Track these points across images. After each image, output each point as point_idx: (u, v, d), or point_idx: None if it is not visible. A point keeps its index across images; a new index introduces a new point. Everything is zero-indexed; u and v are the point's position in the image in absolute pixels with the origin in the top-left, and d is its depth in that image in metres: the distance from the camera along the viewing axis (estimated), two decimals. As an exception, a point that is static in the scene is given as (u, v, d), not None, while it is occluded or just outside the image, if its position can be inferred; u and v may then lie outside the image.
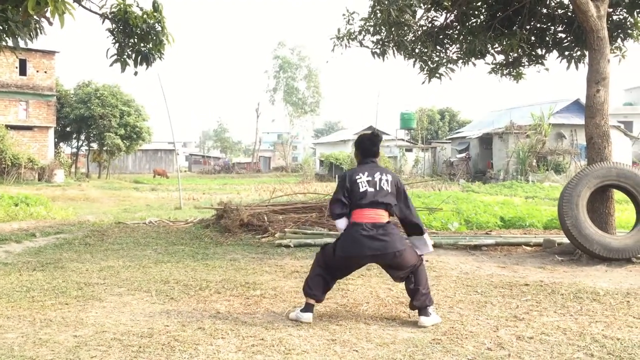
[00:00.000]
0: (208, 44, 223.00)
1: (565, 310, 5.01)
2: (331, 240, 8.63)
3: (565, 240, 7.87)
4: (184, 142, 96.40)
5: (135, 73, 9.30)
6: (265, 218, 10.01)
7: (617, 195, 8.16)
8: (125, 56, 9.21)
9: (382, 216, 4.59)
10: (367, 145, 4.84)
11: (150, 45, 9.14)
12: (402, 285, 5.82)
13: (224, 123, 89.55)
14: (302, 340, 4.11)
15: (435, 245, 8.51)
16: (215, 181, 40.61)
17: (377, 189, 4.60)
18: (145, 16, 8.92)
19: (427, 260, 7.31)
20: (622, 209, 12.49)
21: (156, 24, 9.04)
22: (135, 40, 9.11)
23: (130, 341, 4.05)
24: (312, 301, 4.64)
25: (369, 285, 5.89)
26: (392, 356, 3.78)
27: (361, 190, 4.59)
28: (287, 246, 8.46)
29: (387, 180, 4.66)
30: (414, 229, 4.74)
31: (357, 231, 4.51)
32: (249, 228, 9.89)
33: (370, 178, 4.63)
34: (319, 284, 4.67)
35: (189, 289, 5.72)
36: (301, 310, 4.63)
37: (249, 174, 56.91)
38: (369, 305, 5.10)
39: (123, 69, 9.16)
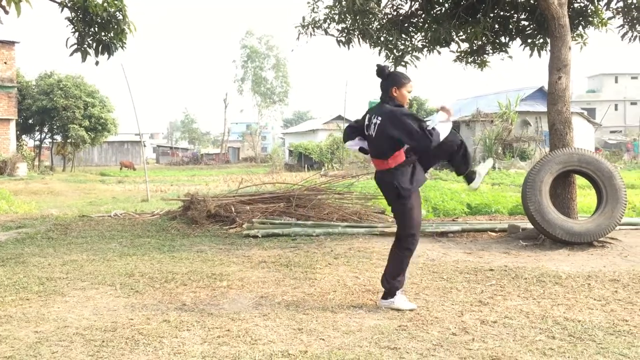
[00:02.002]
0: (174, 32, 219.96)
1: (528, 294, 5.10)
2: (299, 229, 8.64)
3: (530, 225, 7.99)
4: (151, 134, 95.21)
5: (97, 63, 9.10)
6: (233, 209, 9.93)
7: (579, 180, 8.31)
8: (85, 45, 8.97)
9: (382, 163, 4.48)
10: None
11: (112, 34, 8.92)
12: (369, 273, 5.88)
13: (191, 114, 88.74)
14: (268, 330, 4.09)
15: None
16: (183, 173, 40.17)
17: (370, 137, 4.46)
18: (105, 4, 8.70)
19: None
20: (584, 194, 12.75)
21: (117, 12, 8.83)
22: (96, 29, 8.88)
23: (93, 335, 3.98)
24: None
25: (336, 274, 5.90)
26: (358, 343, 3.79)
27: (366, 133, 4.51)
28: (255, 236, 8.42)
29: (375, 125, 4.36)
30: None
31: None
32: (217, 219, 9.80)
33: (368, 122, 4.45)
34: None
35: (155, 282, 5.64)
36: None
37: (217, 165, 56.50)
38: (336, 294, 5.10)
39: (84, 59, 8.95)
